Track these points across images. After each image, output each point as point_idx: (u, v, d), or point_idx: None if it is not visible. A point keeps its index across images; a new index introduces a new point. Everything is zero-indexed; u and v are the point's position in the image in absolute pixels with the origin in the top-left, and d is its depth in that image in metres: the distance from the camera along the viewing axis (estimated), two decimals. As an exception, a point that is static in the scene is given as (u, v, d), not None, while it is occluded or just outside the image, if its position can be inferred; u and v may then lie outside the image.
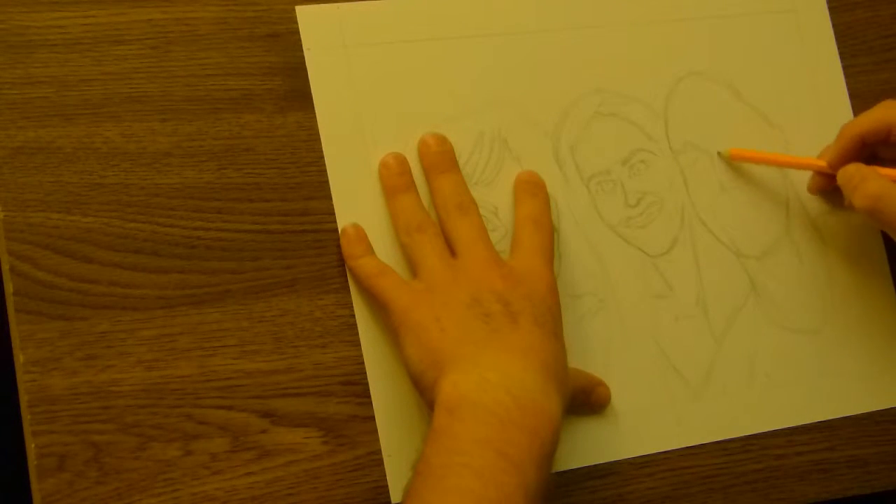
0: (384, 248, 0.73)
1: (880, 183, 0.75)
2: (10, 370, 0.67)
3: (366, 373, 0.72)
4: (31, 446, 0.66)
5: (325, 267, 0.73)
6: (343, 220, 0.73)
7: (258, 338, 0.70)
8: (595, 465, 0.75)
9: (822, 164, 0.80)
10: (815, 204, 0.83)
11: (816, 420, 0.80)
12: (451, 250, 0.72)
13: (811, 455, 0.79)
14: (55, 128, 0.70)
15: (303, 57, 0.74)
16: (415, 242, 0.72)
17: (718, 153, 0.81)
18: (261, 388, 0.70)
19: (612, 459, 0.75)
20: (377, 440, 0.71)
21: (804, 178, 0.82)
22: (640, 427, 0.76)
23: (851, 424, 0.80)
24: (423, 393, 0.68)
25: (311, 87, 0.74)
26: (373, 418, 0.71)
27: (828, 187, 0.81)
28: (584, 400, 0.75)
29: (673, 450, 0.76)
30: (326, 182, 0.73)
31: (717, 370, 0.78)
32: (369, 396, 0.72)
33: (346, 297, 0.72)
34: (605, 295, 0.77)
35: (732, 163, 0.81)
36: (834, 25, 0.85)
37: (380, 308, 0.72)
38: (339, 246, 0.73)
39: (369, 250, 0.73)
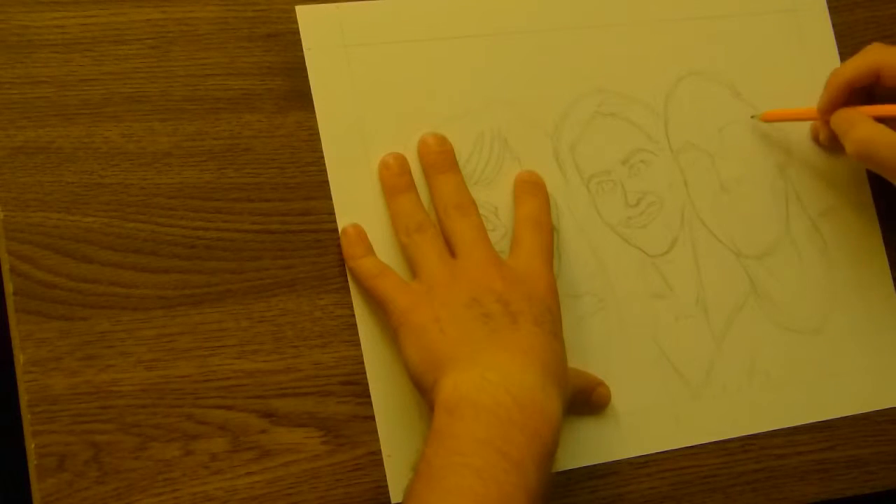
0: (384, 248, 0.73)
1: (867, 126, 0.76)
2: (10, 370, 0.67)
3: (366, 373, 0.72)
4: (31, 446, 0.66)
5: (325, 267, 0.73)
6: (343, 220, 0.73)
7: (258, 338, 0.70)
8: (595, 465, 0.75)
9: (813, 111, 0.81)
10: (815, 204, 0.83)
11: (816, 420, 0.79)
12: (451, 251, 0.72)
13: (811, 455, 0.79)
14: (55, 128, 0.70)
15: (303, 57, 0.74)
16: (414, 243, 0.72)
17: (752, 117, 0.82)
18: (261, 388, 0.70)
19: (612, 459, 0.75)
20: (377, 440, 0.71)
21: (804, 177, 0.83)
22: (640, 427, 0.76)
23: (851, 424, 0.80)
24: (424, 394, 0.68)
25: (311, 87, 0.74)
26: (373, 418, 0.71)
27: (832, 136, 0.81)
28: (584, 400, 0.74)
29: (673, 450, 0.76)
30: (326, 182, 0.73)
31: (717, 370, 0.78)
32: (369, 396, 0.72)
33: (346, 297, 0.72)
34: (605, 295, 0.77)
35: (731, 161, 0.81)
36: (834, 25, 0.85)
37: (379, 309, 0.72)
38: (339, 246, 0.73)
39: (369, 251, 0.73)
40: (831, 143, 0.82)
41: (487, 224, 0.74)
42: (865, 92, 0.80)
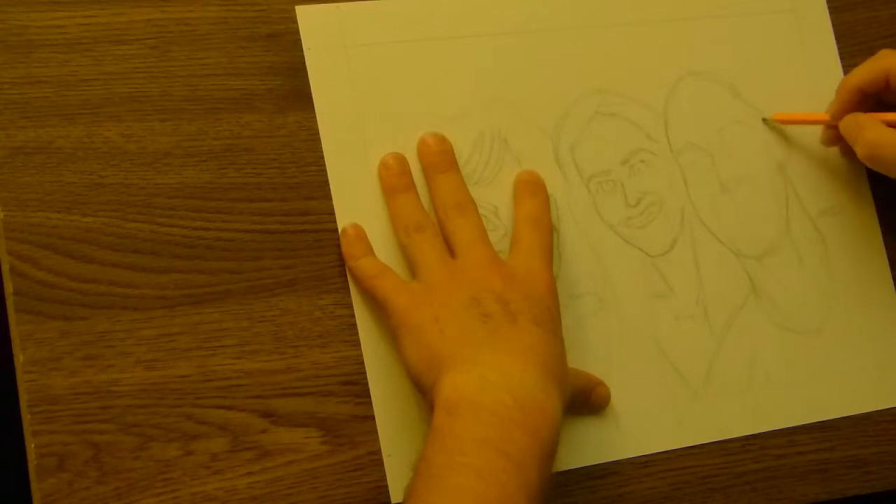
0: (384, 248, 0.73)
1: (877, 130, 0.77)
2: (10, 370, 0.67)
3: (366, 373, 0.72)
4: (31, 446, 0.66)
5: (325, 267, 0.73)
6: (343, 220, 0.73)
7: (258, 338, 0.70)
8: (595, 465, 0.75)
9: (826, 117, 0.81)
10: (815, 204, 0.83)
11: (816, 420, 0.79)
12: (451, 250, 0.72)
13: (811, 455, 0.79)
14: (55, 128, 0.70)
15: (303, 57, 0.74)
16: (414, 243, 0.72)
17: (764, 120, 0.82)
18: (261, 388, 0.70)
19: (612, 459, 0.75)
20: (377, 440, 0.71)
21: (804, 177, 0.83)
22: (640, 427, 0.76)
23: (851, 424, 0.80)
24: (424, 394, 0.68)
25: (311, 87, 0.74)
26: (373, 418, 0.71)
27: (838, 140, 0.82)
28: (584, 400, 0.74)
29: (673, 450, 0.76)
30: (326, 182, 0.73)
31: (717, 370, 0.78)
32: (369, 396, 0.72)
33: (346, 297, 0.72)
34: (605, 295, 0.77)
35: (731, 161, 0.81)
36: (834, 25, 0.85)
37: (379, 309, 0.72)
38: (339, 246, 0.73)
39: (369, 251, 0.73)
40: (841, 148, 0.83)
41: (487, 224, 0.74)
42: (875, 98, 0.80)
